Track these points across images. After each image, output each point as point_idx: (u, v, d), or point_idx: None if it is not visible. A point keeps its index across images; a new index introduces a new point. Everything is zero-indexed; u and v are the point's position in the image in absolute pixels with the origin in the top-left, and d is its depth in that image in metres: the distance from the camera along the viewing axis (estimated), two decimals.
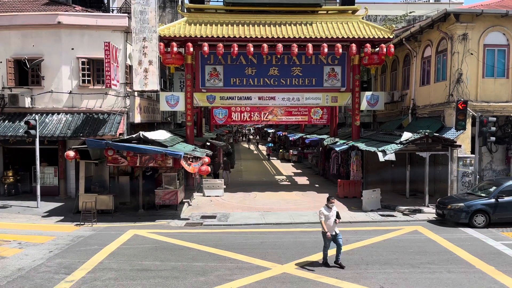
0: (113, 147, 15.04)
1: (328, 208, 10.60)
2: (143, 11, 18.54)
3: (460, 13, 17.45)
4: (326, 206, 10.65)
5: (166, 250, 11.98)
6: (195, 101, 21.14)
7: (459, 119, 16.20)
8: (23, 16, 18.91)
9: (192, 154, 16.55)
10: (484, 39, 17.70)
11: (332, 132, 24.61)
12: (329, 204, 10.62)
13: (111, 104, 19.17)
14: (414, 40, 20.80)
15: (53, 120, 18.73)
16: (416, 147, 17.01)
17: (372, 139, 20.14)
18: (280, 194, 21.18)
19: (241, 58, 20.94)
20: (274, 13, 21.31)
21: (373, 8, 31.37)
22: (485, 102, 17.78)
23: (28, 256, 11.30)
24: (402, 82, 23.01)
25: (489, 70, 17.91)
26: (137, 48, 18.62)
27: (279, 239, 13.29)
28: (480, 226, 14.34)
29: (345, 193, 20.08)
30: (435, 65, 19.41)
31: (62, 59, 18.90)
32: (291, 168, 32.73)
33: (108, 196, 16.55)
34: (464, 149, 17.54)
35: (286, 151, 40.31)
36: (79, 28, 18.87)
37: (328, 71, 21.53)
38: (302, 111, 22.73)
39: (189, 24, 20.67)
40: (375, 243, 12.72)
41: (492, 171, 18.66)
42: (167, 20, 30.33)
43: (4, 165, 19.56)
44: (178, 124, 30.00)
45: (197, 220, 15.85)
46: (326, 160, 26.96)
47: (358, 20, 21.31)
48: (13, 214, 16.26)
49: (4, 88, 18.80)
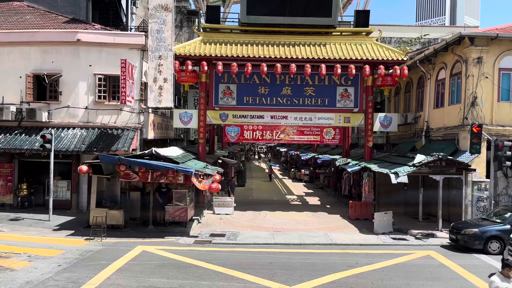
0: (126, 163, 15.18)
1: (506, 278, 7.46)
2: (160, 30, 18.95)
3: (475, 37, 17.40)
4: (501, 274, 7.53)
5: (174, 267, 11.91)
6: (208, 119, 21.31)
7: (473, 142, 15.97)
8: (43, 33, 19.47)
9: (203, 172, 16.59)
10: (499, 63, 17.57)
11: (345, 153, 24.48)
12: (509, 273, 7.47)
13: (125, 120, 19.44)
14: (428, 63, 20.76)
15: (68, 134, 19.04)
16: (429, 170, 16.78)
17: (385, 160, 19.95)
18: (290, 214, 21.00)
19: (254, 77, 21.14)
20: (288, 34, 21.58)
21: (388, 30, 31.51)
22: (500, 126, 17.54)
23: (37, 269, 11.34)
24: (416, 104, 22.88)
25: (504, 94, 17.72)
26: (152, 66, 18.96)
27: (288, 259, 13.11)
28: (495, 252, 13.95)
29: (357, 214, 19.81)
30: (449, 88, 19.29)
31: (80, 75, 19.32)
32: (302, 188, 32.52)
33: (118, 211, 16.61)
34: (479, 173, 17.23)
35: (298, 170, 40.12)
36: (97, 46, 19.33)
37: (341, 92, 21.56)
38: (314, 131, 22.71)
39: (204, 43, 21.02)
40: (386, 267, 12.46)
41: (508, 196, 18.23)
42: (183, 39, 30.93)
43: (19, 178, 19.85)
44: (191, 141, 30.21)
45: (206, 238, 15.77)
46: (338, 180, 26.75)
47: (372, 42, 21.42)
48: (25, 227, 16.42)
49: (23, 102, 19.23)
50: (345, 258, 13.37)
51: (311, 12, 21.02)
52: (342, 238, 15.93)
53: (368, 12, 22.61)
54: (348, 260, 13.09)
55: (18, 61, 19.34)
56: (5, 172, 19.34)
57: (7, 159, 19.46)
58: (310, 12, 21.02)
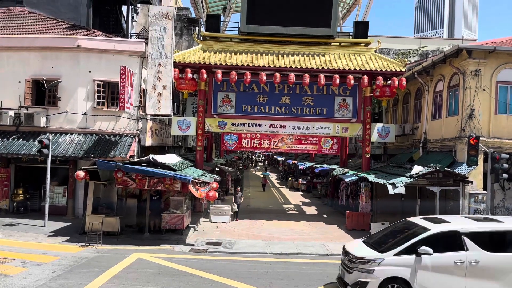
0: (123, 169, 15.14)
1: None
2: (160, 38, 19.05)
3: (473, 50, 17.53)
4: None
5: (169, 275, 11.83)
6: (206, 127, 21.32)
7: (471, 154, 16.00)
8: (44, 38, 19.52)
9: (201, 179, 16.56)
10: (496, 76, 17.69)
11: (342, 163, 24.49)
12: None
13: (123, 127, 19.44)
14: (426, 74, 20.88)
15: (66, 140, 19.01)
16: (426, 181, 16.80)
17: (382, 171, 19.98)
18: (287, 223, 20.94)
19: (253, 86, 21.22)
20: (287, 43, 21.71)
21: (386, 42, 31.76)
22: (497, 138, 17.61)
23: (31, 275, 11.25)
24: (414, 115, 22.97)
25: (501, 106, 17.81)
26: (152, 73, 19.03)
27: (284, 269, 13.05)
28: None
29: (354, 225, 19.78)
30: (447, 100, 19.39)
31: (79, 81, 19.35)
32: (299, 197, 32.46)
33: (114, 218, 16.53)
34: (476, 185, 17.25)
35: (295, 179, 40.10)
36: (97, 52, 19.39)
37: (340, 102, 21.64)
38: (312, 140, 22.74)
39: (204, 52, 21.11)
40: None
41: (505, 209, 18.24)
42: (183, 46, 31.04)
43: (15, 183, 19.77)
44: (189, 149, 30.18)
45: (202, 246, 15.69)
46: (335, 190, 26.72)
47: (370, 53, 21.56)
48: (20, 232, 16.31)
49: (21, 107, 19.23)
50: None
51: (310, 22, 21.17)
52: (338, 248, 15.77)
53: (367, 23, 22.77)
54: None
55: (17, 66, 19.37)
56: (1, 177, 19.25)
57: (4, 163, 19.39)
58: (309, 22, 21.17)
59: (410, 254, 9.60)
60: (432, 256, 9.51)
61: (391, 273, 9.54)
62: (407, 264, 9.55)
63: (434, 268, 9.51)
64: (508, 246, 9.95)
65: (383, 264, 9.62)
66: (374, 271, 9.57)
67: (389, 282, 9.49)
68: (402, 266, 9.56)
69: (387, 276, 9.53)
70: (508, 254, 9.76)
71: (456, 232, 9.88)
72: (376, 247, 10.20)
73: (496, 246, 9.89)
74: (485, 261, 9.56)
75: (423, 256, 9.51)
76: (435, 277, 9.46)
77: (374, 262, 9.66)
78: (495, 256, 9.67)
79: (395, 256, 9.68)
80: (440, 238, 9.85)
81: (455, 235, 9.86)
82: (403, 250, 9.70)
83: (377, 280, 9.46)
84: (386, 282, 9.50)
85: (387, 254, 9.76)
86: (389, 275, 9.53)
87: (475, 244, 9.67)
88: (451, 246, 9.76)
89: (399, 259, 9.63)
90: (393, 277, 9.53)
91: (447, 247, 9.77)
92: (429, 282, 9.46)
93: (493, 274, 9.54)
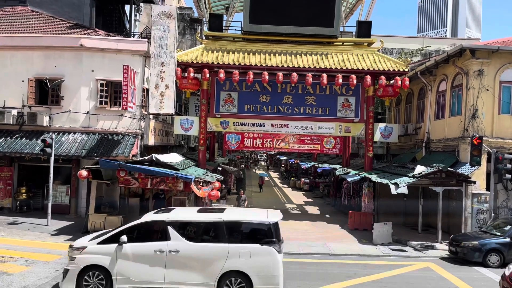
0: (125, 168, 15.17)
1: None
2: (163, 37, 19.07)
3: (476, 49, 17.48)
4: None
5: None
6: (208, 126, 21.34)
7: (474, 154, 15.96)
8: (47, 38, 19.56)
9: (203, 179, 16.58)
10: (500, 76, 17.65)
11: (345, 162, 24.46)
12: None
13: (126, 126, 19.46)
14: (429, 74, 20.83)
15: (69, 139, 19.05)
16: (429, 181, 16.77)
17: (385, 171, 19.94)
18: (289, 223, 20.91)
19: (256, 85, 21.20)
20: (290, 43, 21.69)
21: (389, 41, 31.66)
22: (501, 138, 17.56)
23: (33, 274, 11.29)
24: (417, 115, 22.92)
25: (505, 106, 17.77)
26: (154, 72, 19.04)
27: (286, 269, 12.97)
28: (495, 266, 13.88)
29: (356, 225, 19.75)
30: (450, 100, 19.34)
31: (82, 81, 19.38)
32: (302, 197, 32.45)
33: (117, 217, 16.56)
34: (479, 186, 17.21)
35: (298, 179, 40.08)
36: (100, 51, 19.42)
37: (342, 102, 21.61)
38: (315, 140, 22.73)
39: (206, 51, 21.12)
40: (385, 278, 12.39)
41: (508, 209, 18.19)
42: (186, 46, 31.04)
43: (18, 182, 19.83)
44: (191, 148, 30.21)
45: None
46: (337, 190, 26.70)
47: (373, 53, 21.51)
48: (23, 231, 16.36)
49: (24, 106, 19.28)
50: (344, 268, 13.30)
51: (313, 22, 21.13)
52: (340, 248, 15.86)
53: (370, 23, 22.72)
54: (346, 270, 13.02)
55: (20, 65, 19.41)
56: (5, 176, 19.33)
57: (7, 162, 19.46)
58: (312, 22, 21.13)
59: (113, 243, 9.65)
60: (133, 245, 9.60)
61: (91, 261, 9.57)
62: (108, 253, 9.59)
63: (134, 257, 9.55)
64: (212, 237, 9.95)
65: (85, 252, 9.69)
66: (75, 258, 9.64)
67: (89, 270, 9.52)
68: (103, 254, 9.60)
69: (87, 264, 9.55)
70: (208, 245, 9.76)
71: (162, 222, 9.91)
72: (96, 238, 10.21)
73: (200, 237, 9.95)
74: (185, 251, 9.55)
75: (125, 245, 9.56)
76: (135, 266, 9.50)
77: (78, 250, 9.75)
78: (196, 246, 9.65)
79: (98, 244, 9.75)
80: (146, 227, 10.04)
81: (161, 224, 9.91)
82: (107, 238, 9.79)
83: (77, 268, 9.51)
84: (87, 270, 9.52)
85: (91, 242, 9.86)
86: (89, 263, 9.55)
87: (179, 234, 9.68)
88: (156, 236, 9.89)
89: (101, 247, 9.68)
90: (94, 265, 9.53)
91: (152, 236, 9.93)
92: (129, 271, 9.49)
93: (193, 264, 9.52)
